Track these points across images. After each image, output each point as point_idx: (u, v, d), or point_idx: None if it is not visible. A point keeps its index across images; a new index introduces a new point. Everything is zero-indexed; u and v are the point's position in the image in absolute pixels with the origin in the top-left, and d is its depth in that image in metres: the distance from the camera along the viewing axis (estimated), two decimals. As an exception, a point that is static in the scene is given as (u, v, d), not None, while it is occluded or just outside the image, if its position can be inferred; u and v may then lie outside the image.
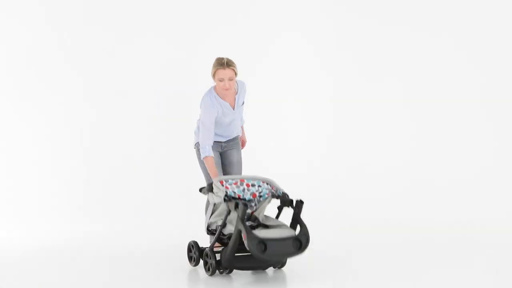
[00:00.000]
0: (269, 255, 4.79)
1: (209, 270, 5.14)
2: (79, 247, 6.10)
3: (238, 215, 4.87)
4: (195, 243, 5.39)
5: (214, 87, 5.56)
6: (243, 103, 5.71)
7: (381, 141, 7.63)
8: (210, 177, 5.57)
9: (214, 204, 5.26)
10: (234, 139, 5.79)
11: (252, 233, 4.79)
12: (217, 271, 5.12)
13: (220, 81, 5.43)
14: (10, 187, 7.08)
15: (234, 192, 5.17)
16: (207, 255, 5.17)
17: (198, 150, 5.68)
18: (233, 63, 5.46)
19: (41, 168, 7.22)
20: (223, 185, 5.17)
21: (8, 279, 5.14)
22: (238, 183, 5.22)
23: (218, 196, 5.12)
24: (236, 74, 5.46)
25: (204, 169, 5.66)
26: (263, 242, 4.77)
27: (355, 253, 5.80)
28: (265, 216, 5.22)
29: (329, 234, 6.42)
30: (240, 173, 5.76)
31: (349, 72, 7.72)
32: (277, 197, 5.15)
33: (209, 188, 5.23)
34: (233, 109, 5.61)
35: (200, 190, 5.38)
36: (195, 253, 5.37)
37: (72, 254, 5.87)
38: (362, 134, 7.70)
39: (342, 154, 7.72)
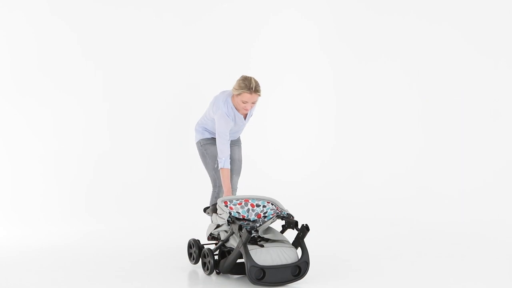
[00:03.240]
0: (265, 282, 4.74)
1: (207, 269, 5.14)
2: (79, 247, 6.10)
3: (241, 240, 4.79)
4: (196, 241, 5.39)
5: (232, 97, 5.56)
6: (251, 114, 5.77)
7: (385, 144, 7.64)
8: (213, 172, 5.69)
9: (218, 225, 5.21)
10: (237, 139, 5.90)
11: (253, 261, 4.72)
12: (215, 270, 5.12)
13: (243, 102, 5.47)
14: (10, 187, 7.07)
15: (239, 213, 5.12)
16: (205, 255, 5.17)
17: (201, 146, 5.79)
18: (259, 87, 5.46)
19: (42, 167, 7.20)
20: (227, 206, 5.12)
21: (8, 279, 5.14)
22: (243, 204, 5.15)
23: (221, 218, 5.06)
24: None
25: (207, 164, 5.77)
26: (263, 270, 4.73)
27: (356, 253, 5.79)
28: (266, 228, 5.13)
29: (330, 234, 6.42)
30: (239, 170, 5.79)
31: (353, 73, 7.75)
32: (282, 218, 5.07)
33: (213, 209, 5.21)
34: (245, 119, 5.70)
35: (205, 210, 5.38)
36: (195, 251, 5.37)
37: (72, 254, 5.87)
38: (365, 137, 7.73)
39: (346, 157, 7.73)
